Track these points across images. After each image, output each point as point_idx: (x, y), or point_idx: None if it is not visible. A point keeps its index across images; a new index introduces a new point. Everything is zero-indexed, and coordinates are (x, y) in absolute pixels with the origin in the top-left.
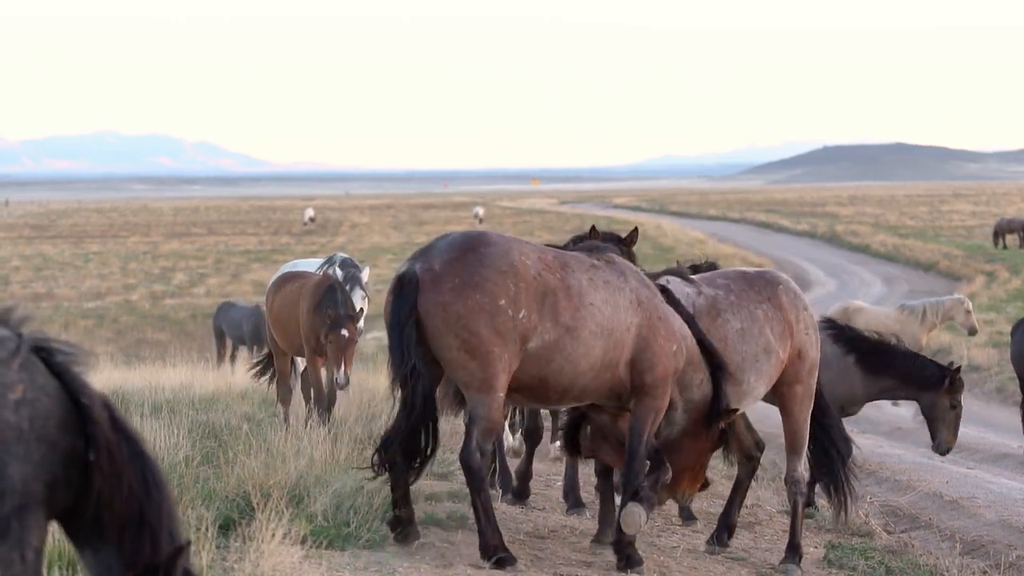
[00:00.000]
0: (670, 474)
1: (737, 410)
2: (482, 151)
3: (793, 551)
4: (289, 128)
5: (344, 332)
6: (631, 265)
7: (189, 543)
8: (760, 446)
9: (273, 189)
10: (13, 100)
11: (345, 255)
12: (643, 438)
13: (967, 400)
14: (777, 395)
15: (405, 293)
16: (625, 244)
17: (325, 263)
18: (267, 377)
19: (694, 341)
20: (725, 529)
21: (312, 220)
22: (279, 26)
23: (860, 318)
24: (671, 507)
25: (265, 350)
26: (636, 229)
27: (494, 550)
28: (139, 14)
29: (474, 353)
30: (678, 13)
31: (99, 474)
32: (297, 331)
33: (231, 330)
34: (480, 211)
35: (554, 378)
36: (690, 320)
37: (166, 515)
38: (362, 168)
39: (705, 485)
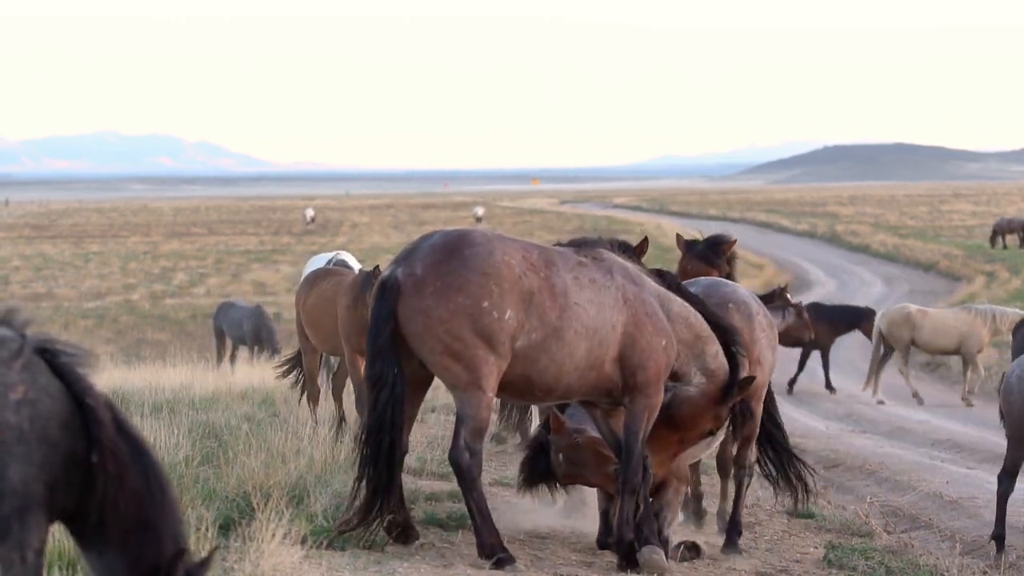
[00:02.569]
0: (651, 478)
1: (753, 378)
2: (482, 151)
3: (734, 527)
4: (289, 128)
5: None
6: (619, 261)
7: (215, 551)
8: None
9: (273, 189)
10: (13, 100)
11: (343, 256)
12: (639, 436)
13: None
14: None
15: (386, 298)
16: (635, 253)
17: (329, 262)
18: (292, 377)
19: (696, 316)
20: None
21: (312, 220)
22: (279, 26)
23: (927, 322)
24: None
25: (292, 351)
26: (646, 239)
27: (491, 549)
28: (139, 14)
29: (458, 356)
30: (678, 13)
31: (102, 476)
32: (333, 329)
33: (231, 330)
34: (480, 211)
35: (539, 377)
36: (695, 299)
37: (169, 517)
38: (362, 168)
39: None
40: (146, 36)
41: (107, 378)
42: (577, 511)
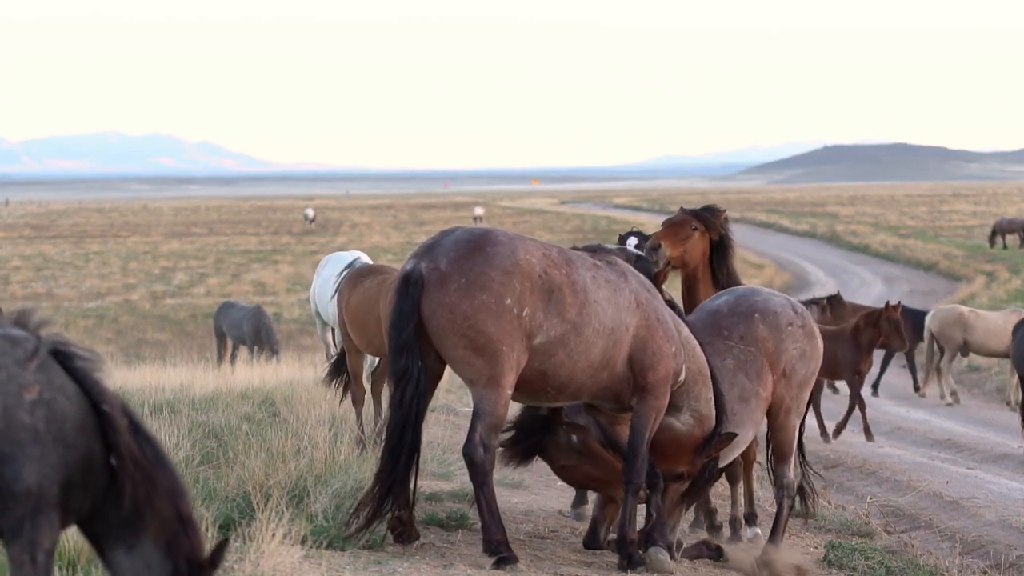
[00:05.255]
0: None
1: (735, 435)
2: (482, 151)
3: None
4: (290, 128)
5: None
6: (631, 268)
7: (224, 543)
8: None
9: (274, 189)
10: (14, 100)
11: (365, 260)
12: (644, 436)
13: (966, 400)
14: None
15: (410, 292)
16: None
17: (349, 265)
18: (336, 383)
19: (702, 353)
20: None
21: (313, 220)
22: (280, 28)
23: (980, 324)
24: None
25: (334, 352)
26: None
27: (496, 546)
28: (141, 14)
29: (481, 352)
30: (678, 14)
31: (128, 480)
32: (377, 330)
33: (231, 330)
34: (480, 211)
35: (553, 372)
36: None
37: (193, 512)
38: (362, 168)
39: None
40: (148, 37)
41: (109, 379)
42: (579, 514)
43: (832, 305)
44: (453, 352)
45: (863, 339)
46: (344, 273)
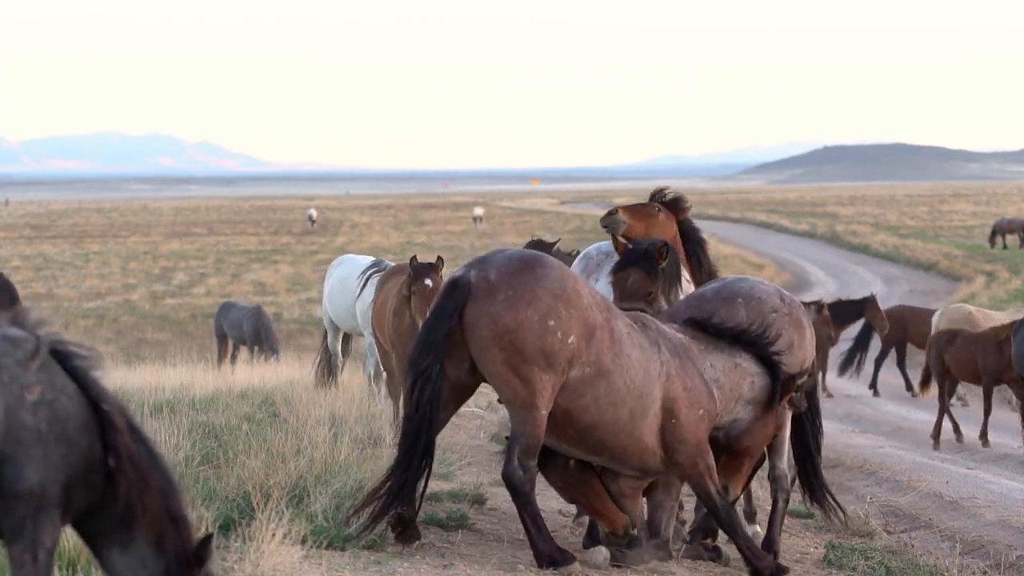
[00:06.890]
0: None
1: (798, 375)
2: (482, 151)
3: (766, 548)
4: (290, 128)
5: (428, 281)
6: (664, 329)
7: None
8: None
9: (274, 189)
10: (14, 100)
11: (389, 262)
12: (711, 492)
13: (967, 400)
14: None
15: (455, 296)
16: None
17: (372, 266)
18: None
19: (724, 366)
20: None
21: (314, 220)
22: (280, 28)
23: (988, 324)
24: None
25: (341, 362)
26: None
27: (549, 557)
28: (141, 14)
29: (517, 370)
30: (678, 14)
31: (123, 479)
32: (395, 326)
33: (232, 330)
34: (480, 211)
35: (577, 414)
36: (720, 328)
37: (186, 509)
38: (362, 168)
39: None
40: (148, 37)
41: (107, 378)
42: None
43: (866, 308)
44: (492, 367)
45: (1008, 348)
46: (370, 274)
